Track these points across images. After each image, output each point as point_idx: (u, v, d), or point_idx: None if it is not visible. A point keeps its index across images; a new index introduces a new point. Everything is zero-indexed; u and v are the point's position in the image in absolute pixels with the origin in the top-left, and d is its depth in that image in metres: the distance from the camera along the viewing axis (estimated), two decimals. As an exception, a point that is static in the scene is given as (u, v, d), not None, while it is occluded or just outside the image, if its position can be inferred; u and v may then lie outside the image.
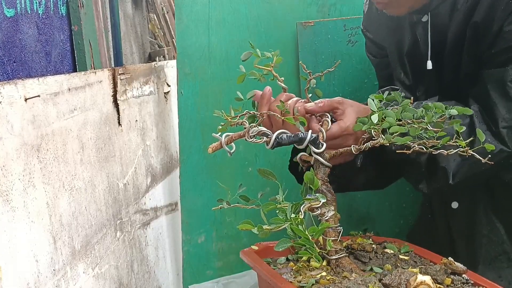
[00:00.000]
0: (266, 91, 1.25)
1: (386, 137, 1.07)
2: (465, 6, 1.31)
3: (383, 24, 1.54)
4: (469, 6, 1.31)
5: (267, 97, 1.25)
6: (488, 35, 1.28)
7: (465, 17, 1.32)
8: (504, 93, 1.24)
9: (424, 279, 0.98)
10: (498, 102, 1.24)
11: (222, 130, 1.12)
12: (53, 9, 1.95)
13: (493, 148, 1.06)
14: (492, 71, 1.27)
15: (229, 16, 1.88)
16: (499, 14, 1.25)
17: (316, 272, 1.10)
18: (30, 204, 1.20)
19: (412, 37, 1.44)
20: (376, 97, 1.14)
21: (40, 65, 1.84)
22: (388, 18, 1.47)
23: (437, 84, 1.40)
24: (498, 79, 1.25)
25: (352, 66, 1.86)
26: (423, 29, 1.40)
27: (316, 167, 1.18)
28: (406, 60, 1.49)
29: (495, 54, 1.28)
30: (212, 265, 1.94)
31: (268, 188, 1.20)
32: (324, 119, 1.23)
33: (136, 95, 2.01)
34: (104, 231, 1.62)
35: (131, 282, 1.83)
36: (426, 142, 1.07)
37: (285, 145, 1.14)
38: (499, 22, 1.25)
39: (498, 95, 1.24)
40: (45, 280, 1.23)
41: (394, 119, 1.07)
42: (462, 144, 1.05)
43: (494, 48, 1.27)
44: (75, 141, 1.46)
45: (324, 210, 1.13)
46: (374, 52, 1.64)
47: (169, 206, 2.39)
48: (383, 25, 1.54)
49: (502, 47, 1.26)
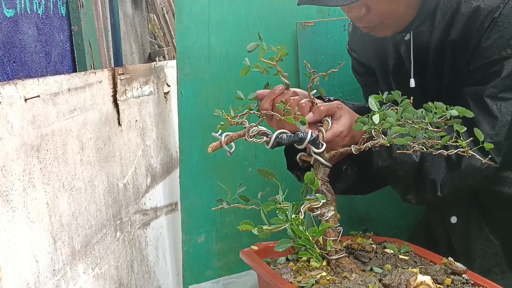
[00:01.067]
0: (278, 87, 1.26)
1: (387, 138, 1.07)
2: (442, 24, 1.33)
3: (367, 44, 1.56)
4: (445, 24, 1.32)
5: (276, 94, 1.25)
6: (466, 52, 1.29)
7: (442, 35, 1.33)
8: (486, 109, 1.25)
9: (424, 279, 0.98)
10: (482, 119, 1.25)
11: (221, 129, 1.12)
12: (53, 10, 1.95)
13: (492, 146, 1.06)
14: (472, 88, 1.28)
15: (229, 16, 1.88)
16: (475, 31, 1.26)
17: (316, 272, 1.10)
18: (30, 204, 1.20)
19: (396, 55, 1.45)
20: (376, 98, 1.14)
21: (40, 65, 1.84)
22: (372, 38, 1.48)
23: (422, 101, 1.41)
24: (478, 96, 1.26)
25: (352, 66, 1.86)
26: (406, 47, 1.41)
27: (316, 167, 1.18)
28: (392, 79, 1.50)
29: (474, 70, 1.28)
30: (212, 265, 1.94)
31: (268, 188, 1.19)
32: (324, 119, 1.23)
33: (136, 95, 2.01)
34: (104, 231, 1.62)
35: (131, 282, 1.83)
36: (426, 142, 1.07)
37: (285, 145, 1.14)
38: (475, 39, 1.26)
39: (481, 112, 1.25)
40: (45, 280, 1.23)
41: (394, 119, 1.07)
42: (462, 144, 1.05)
43: (472, 65, 1.28)
44: (75, 141, 1.46)
45: (324, 210, 1.13)
46: (359, 71, 1.65)
47: (169, 206, 2.38)
48: (368, 45, 1.56)
49: (479, 64, 1.27)
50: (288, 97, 1.25)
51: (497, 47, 1.24)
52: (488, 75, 1.26)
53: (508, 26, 1.23)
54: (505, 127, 1.25)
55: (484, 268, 1.38)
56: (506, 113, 1.24)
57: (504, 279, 1.37)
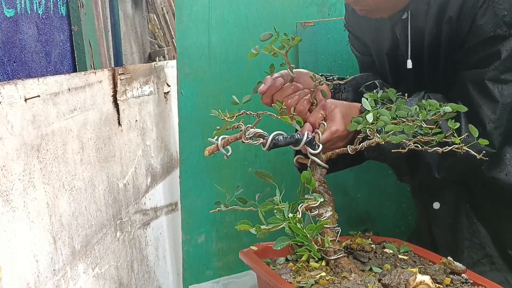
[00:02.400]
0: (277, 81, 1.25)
1: (382, 136, 1.07)
2: (438, 2, 1.29)
3: (364, 22, 1.52)
4: (441, 3, 1.28)
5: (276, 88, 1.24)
6: (461, 31, 1.25)
7: (439, 12, 1.29)
8: (487, 93, 1.23)
9: (424, 279, 0.98)
10: (483, 104, 1.23)
11: (218, 134, 1.12)
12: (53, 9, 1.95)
13: (487, 142, 1.05)
14: (472, 72, 1.25)
15: (229, 16, 1.88)
16: (470, 8, 1.23)
17: (315, 273, 1.10)
18: (30, 204, 1.20)
19: (392, 36, 1.41)
20: (371, 96, 1.14)
21: (40, 65, 1.84)
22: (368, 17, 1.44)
23: (416, 84, 1.37)
24: (479, 80, 1.23)
25: (352, 66, 1.86)
26: (403, 27, 1.37)
27: (313, 168, 1.18)
28: (386, 59, 1.46)
29: (469, 51, 1.25)
30: (212, 265, 1.94)
31: (268, 188, 1.20)
32: (320, 123, 1.24)
33: (136, 95, 2.01)
34: (104, 231, 1.62)
35: (131, 282, 1.83)
36: (421, 139, 1.07)
37: (282, 147, 1.14)
38: (470, 16, 1.23)
39: (481, 96, 1.23)
40: (45, 280, 1.24)
41: (388, 117, 1.07)
42: (456, 141, 1.05)
43: (468, 44, 1.25)
44: (75, 141, 1.46)
45: (322, 211, 1.13)
46: (358, 47, 1.60)
47: (169, 206, 2.39)
48: (364, 23, 1.52)
49: (474, 42, 1.23)
50: (288, 94, 1.24)
51: (492, 24, 1.21)
52: (486, 57, 1.23)
53: (503, 2, 1.20)
54: (507, 110, 1.22)
55: (472, 260, 1.36)
56: (507, 96, 1.22)
57: (493, 271, 1.34)
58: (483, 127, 1.22)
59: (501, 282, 1.30)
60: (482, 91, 1.23)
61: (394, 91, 1.15)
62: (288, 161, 1.60)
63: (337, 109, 1.24)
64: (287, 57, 1.22)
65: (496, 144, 1.23)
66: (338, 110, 1.24)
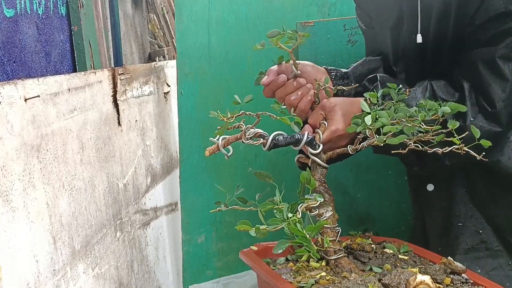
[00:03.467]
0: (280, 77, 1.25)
1: (379, 139, 1.06)
2: None
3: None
4: None
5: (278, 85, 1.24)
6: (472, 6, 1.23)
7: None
8: (497, 72, 1.21)
9: (424, 278, 0.98)
10: (493, 82, 1.21)
11: (219, 134, 1.12)
12: (53, 9, 1.95)
13: (490, 144, 1.04)
14: (482, 50, 1.23)
15: (229, 16, 1.88)
16: None
17: (315, 272, 1.10)
18: (30, 204, 1.20)
19: (398, 10, 1.39)
20: (371, 95, 1.14)
21: (40, 65, 1.84)
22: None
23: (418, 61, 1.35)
24: (489, 58, 1.21)
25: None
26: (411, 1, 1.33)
27: (313, 168, 1.18)
28: (389, 34, 1.44)
29: (479, 29, 1.23)
30: (212, 265, 1.94)
31: (268, 188, 1.20)
32: (321, 122, 1.23)
33: (136, 95, 2.01)
34: (104, 231, 1.62)
35: (131, 282, 1.83)
36: (421, 138, 1.07)
37: (282, 147, 1.14)
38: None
39: (492, 74, 1.21)
40: (45, 280, 1.24)
41: (387, 119, 1.07)
42: (456, 142, 1.05)
43: (478, 21, 1.22)
44: (75, 141, 1.46)
45: (322, 211, 1.13)
46: (364, 20, 1.58)
47: (169, 206, 2.39)
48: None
49: (485, 19, 1.21)
50: (290, 92, 1.24)
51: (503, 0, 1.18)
52: (497, 34, 1.20)
53: None
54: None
55: (467, 246, 1.34)
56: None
57: (487, 257, 1.33)
58: (492, 106, 1.20)
59: (495, 268, 1.29)
60: (492, 69, 1.21)
61: (396, 86, 1.14)
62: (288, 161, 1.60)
63: (336, 108, 1.23)
64: (293, 54, 1.22)
65: (504, 123, 1.21)
66: (337, 108, 1.23)
